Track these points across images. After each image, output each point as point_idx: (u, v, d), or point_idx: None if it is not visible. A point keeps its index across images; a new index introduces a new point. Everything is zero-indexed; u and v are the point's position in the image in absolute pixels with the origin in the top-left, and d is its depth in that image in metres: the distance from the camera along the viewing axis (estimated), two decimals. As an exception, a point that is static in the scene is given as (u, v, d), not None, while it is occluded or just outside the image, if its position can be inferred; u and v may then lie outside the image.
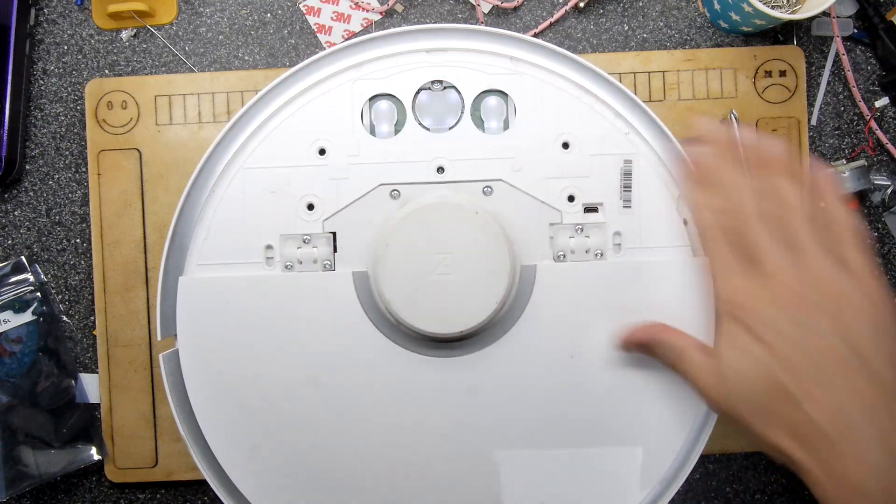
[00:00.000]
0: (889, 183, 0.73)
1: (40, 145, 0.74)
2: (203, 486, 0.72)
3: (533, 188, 0.59)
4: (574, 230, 0.60)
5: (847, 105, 0.74)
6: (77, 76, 0.74)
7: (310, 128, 0.60)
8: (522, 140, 0.59)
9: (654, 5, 0.74)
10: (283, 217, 0.60)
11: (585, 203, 0.60)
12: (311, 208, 0.59)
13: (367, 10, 0.73)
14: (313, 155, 0.60)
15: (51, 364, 0.72)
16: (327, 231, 0.59)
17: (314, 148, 0.60)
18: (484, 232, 0.57)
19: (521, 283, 0.59)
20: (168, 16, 0.73)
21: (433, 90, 0.60)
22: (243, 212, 0.60)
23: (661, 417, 0.59)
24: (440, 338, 0.58)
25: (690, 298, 0.59)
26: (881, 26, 0.72)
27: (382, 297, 0.57)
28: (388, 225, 0.58)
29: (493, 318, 0.58)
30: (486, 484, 0.60)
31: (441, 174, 0.59)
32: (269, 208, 0.60)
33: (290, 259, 0.59)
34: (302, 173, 0.60)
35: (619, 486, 0.59)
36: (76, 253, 0.74)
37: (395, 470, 0.60)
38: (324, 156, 0.59)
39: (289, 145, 0.60)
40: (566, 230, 0.60)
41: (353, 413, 0.59)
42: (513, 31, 0.60)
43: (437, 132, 0.60)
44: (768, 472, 0.74)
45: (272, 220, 0.60)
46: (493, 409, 0.59)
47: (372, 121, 0.60)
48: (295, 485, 0.60)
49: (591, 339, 0.59)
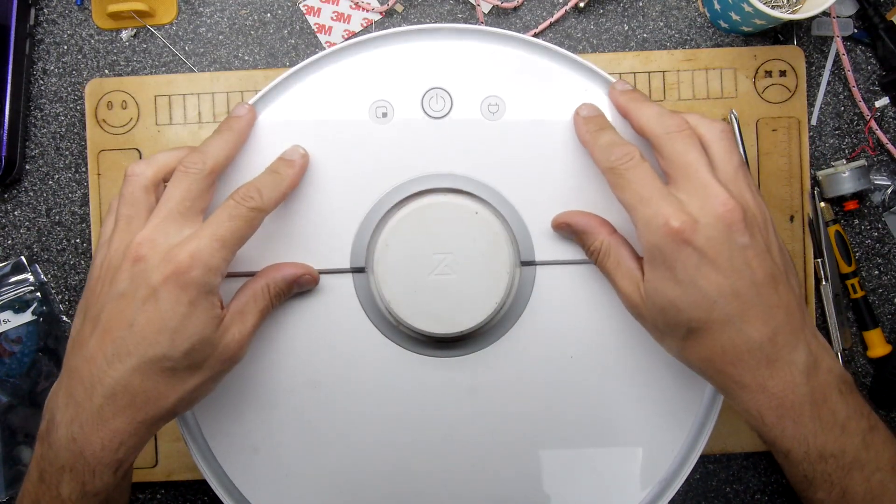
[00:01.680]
0: (889, 183, 0.73)
1: (40, 145, 0.74)
2: (203, 485, 0.72)
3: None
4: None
5: (847, 105, 0.74)
6: (77, 76, 0.74)
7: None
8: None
9: (654, 5, 0.74)
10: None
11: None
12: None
13: (367, 10, 0.73)
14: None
15: (51, 364, 0.72)
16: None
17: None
18: (483, 232, 0.57)
19: (521, 282, 0.59)
20: (168, 16, 0.73)
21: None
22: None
23: (661, 417, 0.59)
24: (440, 338, 0.58)
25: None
26: (881, 26, 0.72)
27: (382, 298, 0.57)
28: (388, 225, 0.58)
29: (492, 318, 0.58)
30: (486, 484, 0.60)
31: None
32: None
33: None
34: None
35: (618, 486, 0.60)
36: (76, 253, 0.74)
37: (395, 470, 0.60)
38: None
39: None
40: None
41: (352, 413, 0.59)
42: (513, 31, 0.60)
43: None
44: (768, 472, 0.74)
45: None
46: (492, 409, 0.59)
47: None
48: (295, 485, 0.60)
49: (590, 338, 0.59)
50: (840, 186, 0.71)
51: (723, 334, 0.51)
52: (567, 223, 0.58)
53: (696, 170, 0.52)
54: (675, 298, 0.51)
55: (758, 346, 0.50)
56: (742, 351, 0.50)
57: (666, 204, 0.51)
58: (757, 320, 0.50)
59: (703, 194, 0.51)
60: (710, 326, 0.51)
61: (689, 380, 0.59)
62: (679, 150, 0.52)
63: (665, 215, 0.50)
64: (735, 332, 0.50)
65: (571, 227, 0.58)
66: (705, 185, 0.51)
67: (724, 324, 0.50)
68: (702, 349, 0.52)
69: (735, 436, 0.71)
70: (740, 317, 0.50)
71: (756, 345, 0.50)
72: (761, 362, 0.50)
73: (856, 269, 0.73)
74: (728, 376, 0.51)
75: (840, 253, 0.72)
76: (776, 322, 0.51)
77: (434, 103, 0.59)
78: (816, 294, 0.72)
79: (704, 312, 0.50)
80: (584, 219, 0.57)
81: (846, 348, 0.72)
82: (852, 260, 0.72)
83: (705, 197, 0.51)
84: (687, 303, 0.51)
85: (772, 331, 0.50)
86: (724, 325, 0.50)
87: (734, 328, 0.50)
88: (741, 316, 0.50)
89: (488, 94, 0.59)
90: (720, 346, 0.51)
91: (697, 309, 0.50)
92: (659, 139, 0.53)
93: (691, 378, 0.58)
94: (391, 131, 0.59)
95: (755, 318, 0.50)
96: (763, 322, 0.50)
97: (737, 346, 0.50)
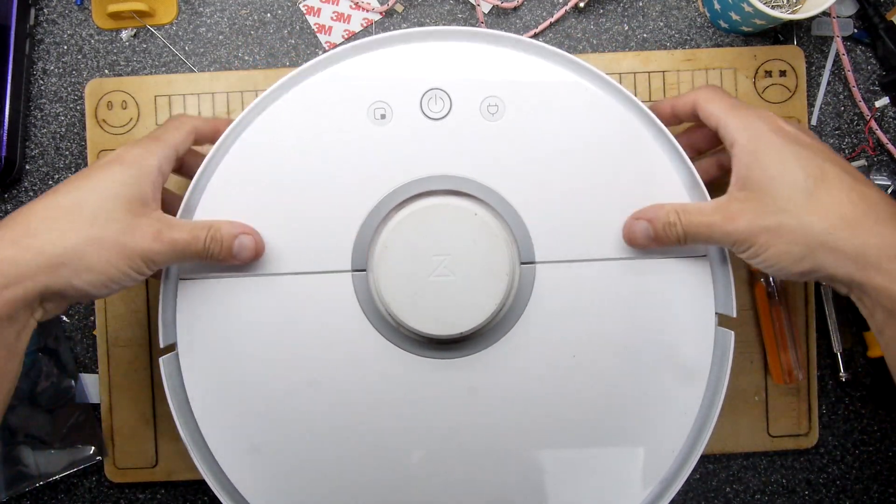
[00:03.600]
0: (889, 183, 0.73)
1: (40, 145, 0.74)
2: (203, 486, 0.72)
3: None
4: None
5: (847, 105, 0.74)
6: (77, 76, 0.74)
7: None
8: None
9: (654, 5, 0.74)
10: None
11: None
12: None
13: (367, 10, 0.73)
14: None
15: (51, 364, 0.72)
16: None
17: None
18: (483, 233, 0.57)
19: (521, 283, 0.59)
20: (168, 16, 0.73)
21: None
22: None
23: (662, 418, 0.59)
24: (440, 339, 0.58)
25: (689, 298, 0.59)
26: (881, 26, 0.72)
27: (382, 299, 0.57)
28: (388, 226, 0.58)
29: (492, 319, 0.58)
30: (487, 485, 0.60)
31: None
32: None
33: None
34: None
35: (620, 487, 0.60)
36: (76, 253, 0.74)
37: (395, 472, 0.60)
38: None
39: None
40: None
41: (352, 415, 0.59)
42: (513, 31, 0.60)
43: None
44: (768, 472, 0.74)
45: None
46: (493, 410, 0.59)
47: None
48: (295, 487, 0.60)
49: (590, 339, 0.59)
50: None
51: (843, 182, 0.53)
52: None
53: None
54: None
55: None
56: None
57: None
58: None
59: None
60: (827, 174, 0.53)
61: (689, 379, 0.59)
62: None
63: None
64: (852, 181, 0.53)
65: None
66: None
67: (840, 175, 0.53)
68: (831, 197, 0.53)
69: (735, 436, 0.71)
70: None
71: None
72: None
73: (856, 270, 0.72)
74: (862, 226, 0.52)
75: (840, 253, 0.72)
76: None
77: (433, 104, 0.59)
78: (816, 294, 0.72)
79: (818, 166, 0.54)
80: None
81: (846, 348, 0.72)
82: (852, 260, 0.72)
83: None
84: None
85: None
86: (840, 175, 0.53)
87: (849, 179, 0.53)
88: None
89: (487, 94, 0.59)
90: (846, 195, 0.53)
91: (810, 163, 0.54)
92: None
93: (692, 377, 0.59)
94: (390, 133, 0.59)
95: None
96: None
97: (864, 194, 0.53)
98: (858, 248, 0.51)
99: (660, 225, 0.57)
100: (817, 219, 0.52)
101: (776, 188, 0.53)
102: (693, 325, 0.59)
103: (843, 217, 0.52)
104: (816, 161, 0.53)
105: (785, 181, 0.53)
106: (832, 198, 0.52)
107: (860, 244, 0.51)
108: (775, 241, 0.53)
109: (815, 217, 0.52)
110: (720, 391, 0.59)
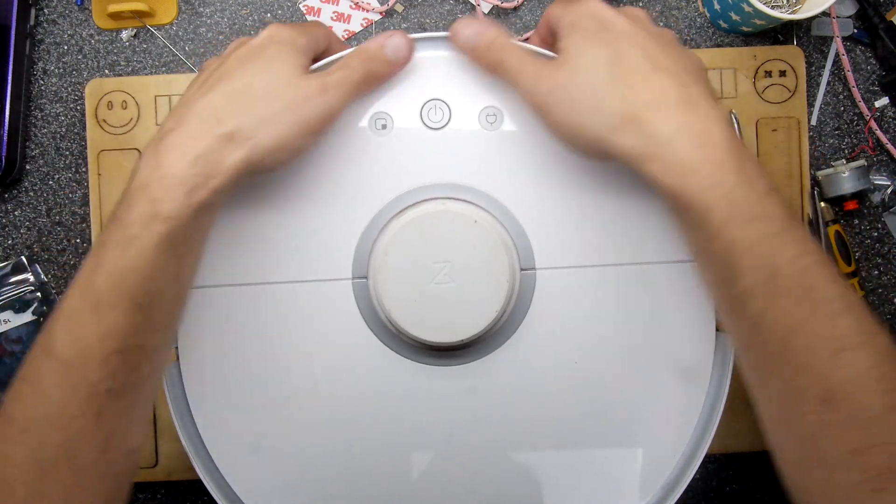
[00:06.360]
0: (889, 183, 0.73)
1: (40, 145, 0.74)
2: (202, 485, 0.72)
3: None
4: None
5: (847, 105, 0.74)
6: (77, 76, 0.74)
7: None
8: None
9: (654, 5, 0.73)
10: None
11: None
12: None
13: (367, 10, 0.73)
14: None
15: (52, 364, 0.72)
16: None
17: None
18: (483, 240, 0.57)
19: (521, 290, 0.59)
20: (168, 16, 0.73)
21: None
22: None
23: (664, 423, 0.60)
24: (441, 346, 0.58)
25: (689, 302, 0.59)
26: (881, 26, 0.72)
27: (382, 306, 0.57)
28: (388, 234, 0.58)
29: (493, 325, 0.58)
30: (488, 492, 0.60)
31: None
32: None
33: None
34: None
35: (622, 494, 0.60)
36: (76, 253, 0.74)
37: (396, 480, 0.60)
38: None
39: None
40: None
41: (353, 422, 0.59)
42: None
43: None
44: (768, 472, 0.74)
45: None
46: (494, 417, 0.59)
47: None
48: (296, 494, 0.60)
49: (591, 343, 0.59)
50: (840, 186, 0.72)
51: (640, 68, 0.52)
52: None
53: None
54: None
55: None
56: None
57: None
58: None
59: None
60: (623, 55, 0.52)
61: (691, 384, 0.59)
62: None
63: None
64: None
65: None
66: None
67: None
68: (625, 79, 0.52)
69: (735, 436, 0.71)
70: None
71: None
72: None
73: (855, 270, 0.73)
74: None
75: (840, 253, 0.72)
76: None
77: (433, 114, 0.59)
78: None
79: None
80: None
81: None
82: (852, 260, 0.72)
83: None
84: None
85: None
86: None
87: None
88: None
89: (486, 104, 0.59)
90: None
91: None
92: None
93: (693, 382, 0.59)
94: (391, 142, 0.59)
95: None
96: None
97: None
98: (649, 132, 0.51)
99: (483, 42, 0.56)
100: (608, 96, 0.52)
101: (580, 63, 0.52)
102: (693, 330, 0.59)
103: (636, 101, 0.51)
104: (618, 44, 0.53)
105: (587, 58, 0.53)
106: (625, 80, 0.52)
107: (654, 129, 0.51)
108: (564, 108, 0.53)
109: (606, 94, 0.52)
110: (721, 395, 0.59)
